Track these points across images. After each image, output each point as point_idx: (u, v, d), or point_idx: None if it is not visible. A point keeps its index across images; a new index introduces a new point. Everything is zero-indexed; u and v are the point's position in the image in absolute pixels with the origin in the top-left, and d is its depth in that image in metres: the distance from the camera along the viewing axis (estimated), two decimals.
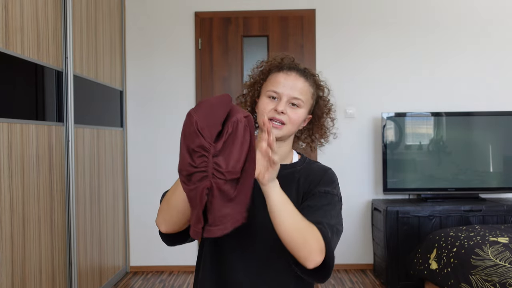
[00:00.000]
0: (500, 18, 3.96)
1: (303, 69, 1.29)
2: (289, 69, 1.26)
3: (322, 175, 1.25)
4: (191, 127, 0.97)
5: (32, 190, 2.44)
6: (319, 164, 1.31)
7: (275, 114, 1.21)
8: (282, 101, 1.21)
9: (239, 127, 0.98)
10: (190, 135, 0.97)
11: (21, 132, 2.34)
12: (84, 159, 3.09)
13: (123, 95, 3.92)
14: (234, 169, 0.98)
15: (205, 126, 0.96)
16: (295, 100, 1.22)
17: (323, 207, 1.17)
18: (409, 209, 3.42)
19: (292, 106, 1.23)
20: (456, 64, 3.96)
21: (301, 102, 1.23)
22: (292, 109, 1.22)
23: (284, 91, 1.22)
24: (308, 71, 1.29)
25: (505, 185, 3.72)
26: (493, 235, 2.76)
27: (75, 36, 2.96)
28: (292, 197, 1.21)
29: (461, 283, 2.56)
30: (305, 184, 1.24)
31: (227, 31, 3.97)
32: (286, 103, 1.22)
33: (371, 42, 3.96)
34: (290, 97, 1.22)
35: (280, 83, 1.23)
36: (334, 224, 1.15)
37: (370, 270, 3.94)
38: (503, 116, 3.73)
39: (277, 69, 1.27)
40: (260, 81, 1.31)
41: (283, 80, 1.23)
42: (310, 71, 1.30)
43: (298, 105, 1.23)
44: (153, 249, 3.96)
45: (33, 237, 2.45)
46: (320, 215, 1.14)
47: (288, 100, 1.22)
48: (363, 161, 3.96)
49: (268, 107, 1.22)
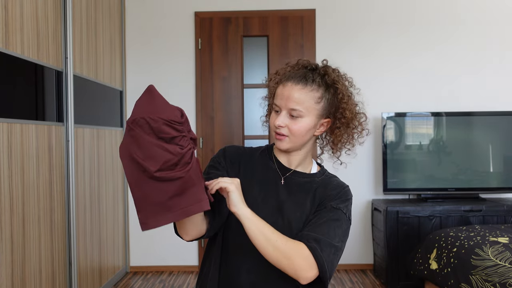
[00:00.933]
0: (500, 18, 3.96)
1: (304, 73, 1.25)
2: (286, 79, 1.25)
3: (339, 191, 1.26)
4: (157, 124, 1.00)
5: (32, 190, 2.44)
6: (337, 180, 1.31)
7: (276, 129, 1.24)
8: (280, 115, 1.23)
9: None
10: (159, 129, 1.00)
11: (21, 132, 2.34)
12: (84, 159, 3.08)
13: (123, 95, 3.92)
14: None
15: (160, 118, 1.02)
16: (293, 111, 1.21)
17: (330, 222, 1.18)
18: (409, 209, 3.42)
19: (292, 117, 1.22)
20: (456, 64, 3.95)
21: (301, 112, 1.21)
22: (292, 121, 1.22)
23: (281, 103, 1.23)
24: (312, 74, 1.25)
25: (505, 185, 3.72)
26: (493, 235, 2.76)
27: (75, 36, 2.96)
28: (306, 206, 1.23)
29: (461, 283, 2.56)
30: (322, 196, 1.25)
31: (227, 31, 3.97)
32: (286, 115, 1.22)
33: (371, 42, 3.96)
34: (288, 108, 1.22)
35: (278, 96, 1.24)
36: (335, 243, 1.16)
37: (370, 270, 3.94)
38: (503, 116, 3.73)
39: (281, 81, 1.28)
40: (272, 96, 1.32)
41: (280, 92, 1.24)
42: (320, 71, 1.27)
43: (299, 116, 1.21)
44: (153, 249, 3.95)
45: (33, 237, 2.45)
46: (320, 232, 1.16)
47: (287, 112, 1.22)
48: (363, 161, 3.96)
49: (272, 121, 1.25)
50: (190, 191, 1.01)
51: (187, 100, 3.97)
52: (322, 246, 1.13)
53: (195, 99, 3.97)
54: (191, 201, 1.02)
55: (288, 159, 1.30)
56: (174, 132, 1.00)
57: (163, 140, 0.99)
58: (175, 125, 1.00)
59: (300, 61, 1.30)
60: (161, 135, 0.99)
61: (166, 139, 0.99)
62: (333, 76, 1.27)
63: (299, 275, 1.12)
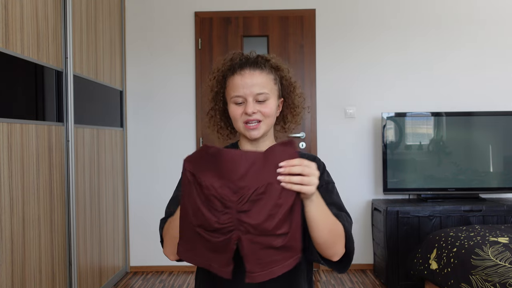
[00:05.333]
0: (500, 18, 3.96)
1: (255, 59, 1.26)
2: (240, 67, 1.24)
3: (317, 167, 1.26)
4: (209, 191, 0.98)
5: (32, 190, 2.44)
6: (304, 153, 1.30)
7: (248, 117, 1.21)
8: (248, 103, 1.21)
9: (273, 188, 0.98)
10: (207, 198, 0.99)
11: (21, 132, 2.34)
12: (84, 159, 3.08)
13: (123, 95, 3.92)
14: (264, 227, 0.98)
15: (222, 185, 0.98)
16: (260, 95, 1.21)
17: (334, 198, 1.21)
18: (409, 209, 3.42)
19: (260, 102, 1.22)
20: (456, 64, 3.96)
21: (267, 95, 1.22)
22: (261, 105, 1.22)
23: (246, 91, 1.21)
24: (261, 59, 1.27)
25: (505, 185, 3.72)
26: (493, 235, 2.76)
27: (75, 36, 2.96)
28: None
29: (461, 283, 2.56)
30: None
31: (227, 31, 3.97)
32: (253, 102, 1.21)
33: (371, 41, 3.96)
34: (254, 94, 1.21)
35: (238, 85, 1.22)
36: (347, 212, 1.21)
37: (370, 270, 3.94)
38: (503, 116, 3.73)
39: (230, 73, 1.25)
40: (220, 90, 1.29)
41: (239, 81, 1.22)
42: (263, 57, 1.28)
43: (266, 99, 1.22)
44: (153, 249, 3.95)
45: (33, 237, 2.45)
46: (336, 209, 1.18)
47: (253, 99, 1.21)
48: (363, 161, 3.96)
49: (238, 112, 1.22)
50: (218, 255, 1.01)
51: (187, 100, 3.97)
52: (345, 220, 1.16)
53: (195, 99, 3.97)
54: (216, 262, 1.02)
55: (256, 148, 1.28)
56: (219, 206, 0.98)
57: (207, 206, 0.99)
58: (224, 200, 0.98)
59: (236, 54, 1.29)
60: (207, 203, 0.99)
61: (210, 207, 0.99)
62: (275, 61, 1.29)
63: (338, 253, 1.11)
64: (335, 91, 3.97)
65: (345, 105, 3.96)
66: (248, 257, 0.99)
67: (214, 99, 1.32)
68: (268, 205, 0.97)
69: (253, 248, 0.99)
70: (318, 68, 3.95)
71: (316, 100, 3.96)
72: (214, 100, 1.32)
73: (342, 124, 3.97)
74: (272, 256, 0.99)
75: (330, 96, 3.97)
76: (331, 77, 3.97)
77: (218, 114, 1.33)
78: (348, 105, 3.96)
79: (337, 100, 3.97)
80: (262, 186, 0.97)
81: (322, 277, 3.77)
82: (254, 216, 0.97)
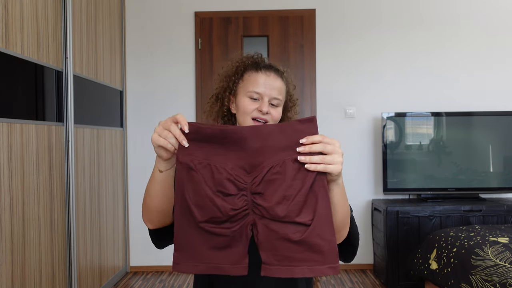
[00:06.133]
0: (500, 18, 3.96)
1: (277, 67, 1.30)
2: (267, 69, 1.27)
3: None
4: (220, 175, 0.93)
5: (32, 190, 2.44)
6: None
7: (260, 114, 1.23)
8: (264, 102, 1.23)
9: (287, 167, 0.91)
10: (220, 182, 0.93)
11: (21, 132, 2.34)
12: (84, 159, 3.08)
13: (123, 95, 3.92)
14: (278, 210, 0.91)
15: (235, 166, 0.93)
16: (275, 100, 1.25)
17: None
18: (409, 209, 3.42)
19: (272, 105, 1.25)
20: (456, 64, 3.96)
21: (280, 102, 1.26)
22: (273, 109, 1.25)
23: (266, 91, 1.24)
24: (281, 70, 1.31)
25: (505, 185, 3.72)
26: (493, 235, 2.76)
27: (75, 36, 2.96)
28: None
29: (461, 283, 2.56)
30: None
31: (227, 31, 3.97)
32: (268, 103, 1.24)
33: (371, 41, 3.96)
34: (271, 97, 1.24)
35: (261, 83, 1.24)
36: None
37: (370, 270, 3.94)
38: (503, 116, 3.73)
39: (254, 69, 1.27)
40: (235, 80, 1.29)
41: (263, 80, 1.24)
42: (282, 68, 1.32)
43: (277, 105, 1.26)
44: (153, 249, 3.94)
45: (33, 237, 2.45)
46: None
47: (269, 100, 1.24)
48: (363, 161, 3.96)
49: (251, 107, 1.24)
50: (230, 251, 0.95)
51: (187, 100, 3.97)
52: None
53: (195, 99, 3.96)
54: (227, 260, 0.95)
55: None
56: (233, 189, 0.93)
57: (220, 193, 0.94)
58: (238, 182, 0.93)
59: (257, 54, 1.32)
60: (219, 188, 0.93)
61: (223, 193, 0.93)
62: (287, 75, 1.33)
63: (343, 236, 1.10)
64: (335, 91, 3.97)
65: (345, 105, 3.96)
66: (263, 245, 0.93)
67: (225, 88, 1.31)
68: (283, 186, 0.91)
69: (269, 236, 0.92)
70: (318, 68, 3.95)
71: (316, 100, 3.96)
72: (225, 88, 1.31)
73: (342, 124, 3.97)
74: (291, 251, 0.91)
75: (330, 96, 3.97)
76: (331, 77, 3.97)
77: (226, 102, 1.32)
78: (348, 105, 3.96)
79: (337, 100, 3.97)
80: (277, 165, 0.92)
81: (322, 277, 3.77)
82: (269, 199, 0.91)
